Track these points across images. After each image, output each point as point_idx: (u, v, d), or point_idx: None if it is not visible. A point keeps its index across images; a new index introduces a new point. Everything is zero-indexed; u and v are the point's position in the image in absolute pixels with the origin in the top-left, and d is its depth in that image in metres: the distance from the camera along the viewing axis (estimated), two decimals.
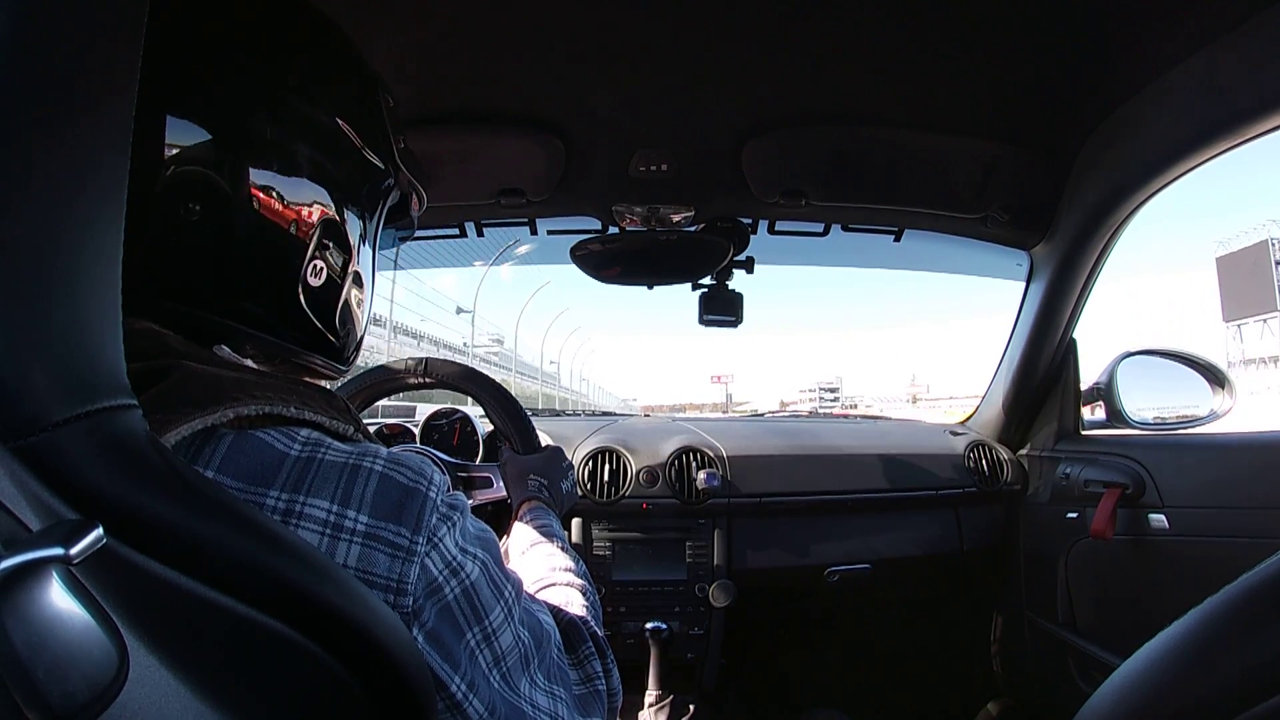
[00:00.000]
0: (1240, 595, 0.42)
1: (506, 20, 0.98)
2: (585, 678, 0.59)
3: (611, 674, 0.63)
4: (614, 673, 0.63)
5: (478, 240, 1.61)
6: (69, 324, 0.29)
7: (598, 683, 0.60)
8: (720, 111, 1.22)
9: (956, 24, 0.99)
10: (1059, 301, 1.51)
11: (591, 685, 0.59)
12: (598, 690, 0.60)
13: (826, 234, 1.58)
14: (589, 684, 0.59)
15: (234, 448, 0.39)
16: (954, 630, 1.89)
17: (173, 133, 0.43)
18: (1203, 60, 1.00)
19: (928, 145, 1.31)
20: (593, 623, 0.65)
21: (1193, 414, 1.47)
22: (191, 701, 0.29)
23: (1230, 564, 0.47)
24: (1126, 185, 1.25)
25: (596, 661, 0.61)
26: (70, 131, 0.29)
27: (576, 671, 0.59)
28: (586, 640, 0.62)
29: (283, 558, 0.33)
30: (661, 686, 1.45)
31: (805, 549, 1.59)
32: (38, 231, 0.28)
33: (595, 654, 0.62)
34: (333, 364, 0.56)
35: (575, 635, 0.62)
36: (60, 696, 0.23)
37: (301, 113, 0.50)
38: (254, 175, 0.46)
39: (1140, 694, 0.45)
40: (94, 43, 0.30)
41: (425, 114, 1.21)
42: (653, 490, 1.55)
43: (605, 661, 0.63)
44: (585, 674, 0.60)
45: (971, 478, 1.69)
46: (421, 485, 0.43)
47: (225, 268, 0.46)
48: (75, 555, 0.24)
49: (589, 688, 0.59)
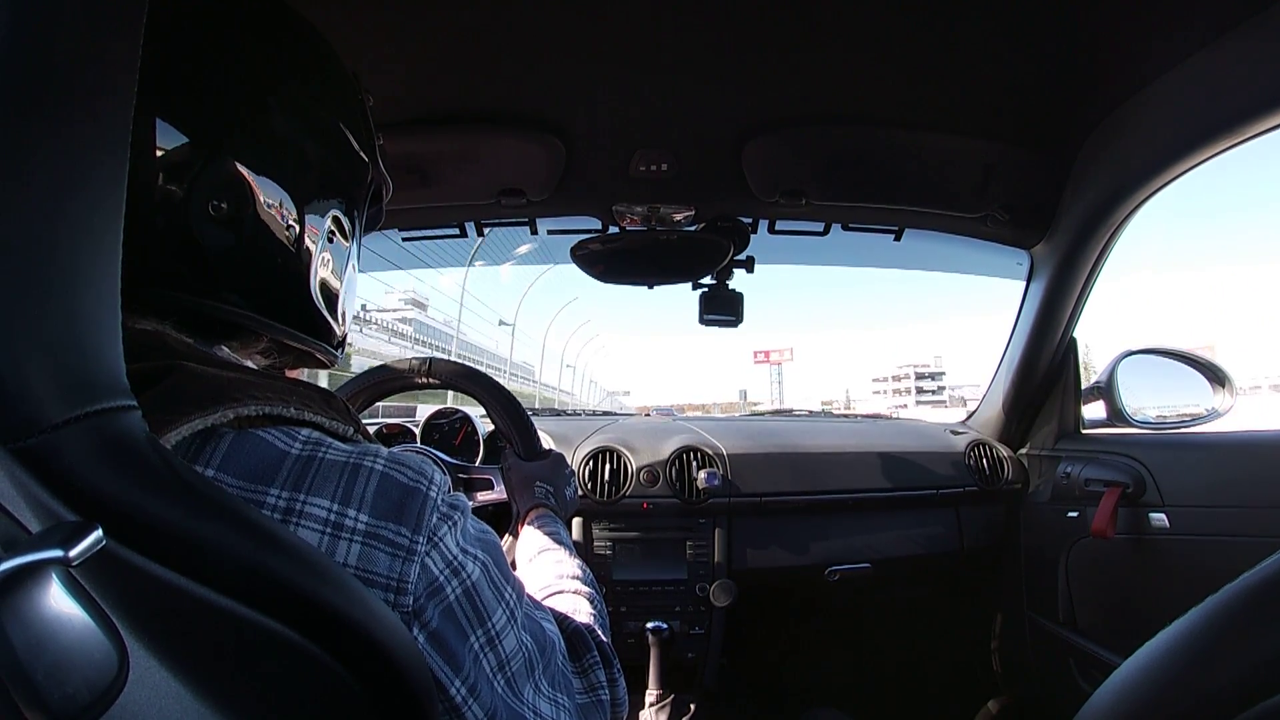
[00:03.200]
0: (1241, 594, 0.42)
1: (507, 21, 0.98)
2: (589, 687, 0.59)
3: (617, 684, 0.62)
4: (619, 682, 0.63)
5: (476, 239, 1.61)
6: (68, 324, 0.29)
7: (601, 692, 0.60)
8: (720, 111, 1.22)
9: (957, 23, 0.99)
10: (1059, 301, 1.51)
11: (595, 695, 0.59)
12: (601, 700, 0.59)
13: (827, 233, 1.58)
14: (592, 693, 0.59)
15: (234, 446, 0.39)
16: (954, 629, 1.89)
17: (180, 131, 0.43)
18: (1202, 60, 1.00)
19: (928, 145, 1.31)
20: (599, 631, 0.65)
21: (1193, 413, 1.47)
22: (191, 703, 0.29)
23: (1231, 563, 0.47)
24: (1127, 184, 1.25)
25: (601, 671, 0.61)
26: (68, 131, 0.29)
27: (580, 680, 0.59)
28: (592, 649, 0.62)
29: (282, 559, 0.32)
30: (662, 686, 1.45)
31: (806, 548, 1.59)
32: (36, 231, 0.28)
33: (600, 663, 0.62)
34: (331, 352, 0.58)
35: (580, 643, 0.61)
36: (60, 698, 0.23)
37: (309, 113, 0.51)
38: (270, 172, 0.48)
39: (1141, 693, 0.45)
40: (92, 42, 0.30)
41: (425, 114, 1.21)
42: (653, 490, 1.55)
43: (611, 671, 0.62)
44: (589, 683, 0.59)
45: (972, 477, 1.69)
46: (422, 485, 0.43)
47: (242, 261, 0.47)
48: (75, 557, 0.24)
49: (592, 697, 0.59)
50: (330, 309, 0.56)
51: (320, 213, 0.52)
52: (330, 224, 0.54)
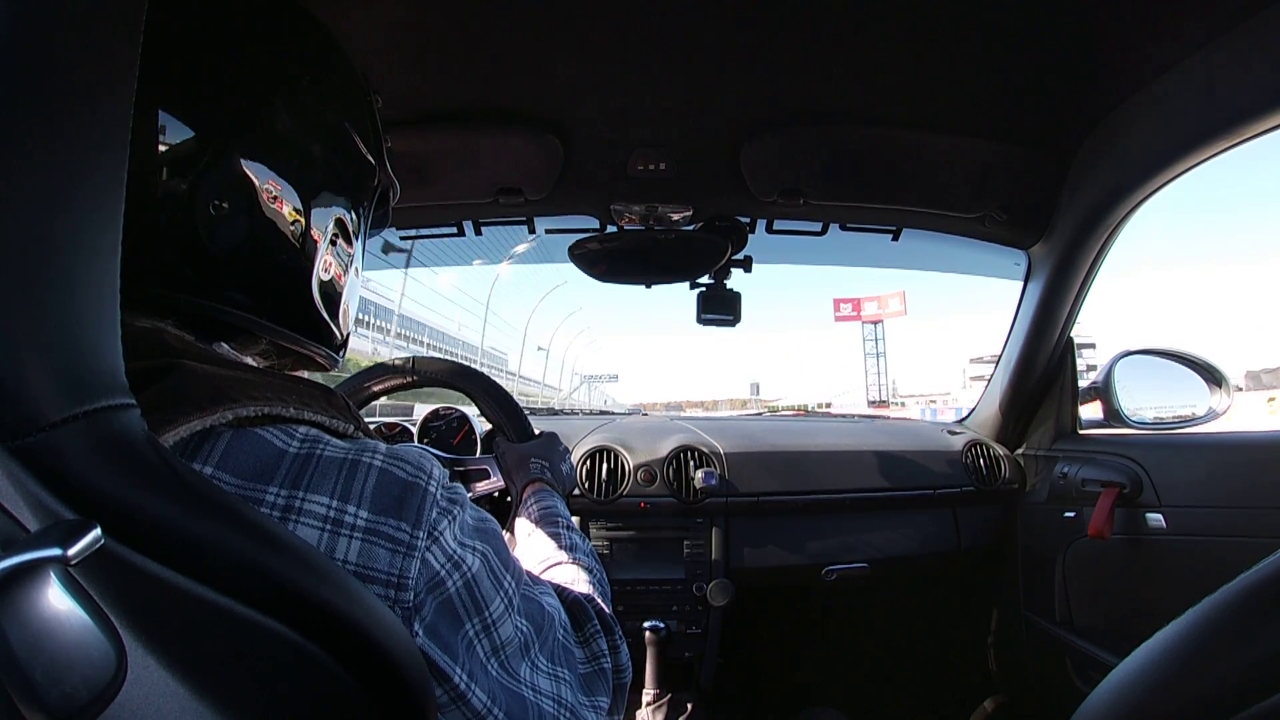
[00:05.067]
0: (1237, 594, 0.42)
1: (506, 20, 0.98)
2: (590, 656, 0.59)
3: (619, 650, 0.62)
4: (621, 649, 0.63)
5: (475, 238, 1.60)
6: (67, 323, 0.29)
7: (603, 660, 0.60)
8: (718, 111, 1.22)
9: (954, 24, 0.99)
10: (1057, 301, 1.52)
11: (597, 663, 0.59)
12: (603, 668, 0.59)
13: (825, 233, 1.58)
14: (594, 662, 0.59)
15: (232, 445, 0.39)
16: (951, 629, 1.89)
17: (186, 127, 0.43)
18: (1200, 61, 1.00)
19: (926, 145, 1.31)
20: (599, 600, 0.65)
21: (1190, 413, 1.48)
22: (190, 701, 0.29)
23: (1227, 563, 0.47)
24: (1124, 185, 1.25)
25: (602, 639, 0.61)
26: (68, 129, 0.29)
27: (583, 650, 0.59)
28: (592, 618, 0.62)
29: (281, 557, 0.32)
30: (659, 685, 1.45)
31: (803, 548, 1.59)
32: (36, 230, 0.28)
33: (601, 631, 0.62)
34: (332, 355, 0.58)
35: (580, 613, 0.62)
36: (58, 697, 0.23)
37: (315, 112, 0.51)
38: (274, 172, 0.48)
39: (1137, 693, 0.45)
40: (92, 41, 0.30)
41: (424, 113, 1.21)
42: (650, 489, 1.55)
43: (612, 638, 0.62)
44: (590, 652, 0.60)
45: (969, 477, 1.69)
46: (421, 480, 0.43)
47: (244, 262, 0.47)
48: (73, 556, 0.24)
49: (594, 666, 0.59)
50: (331, 312, 0.56)
51: (324, 214, 0.52)
52: (334, 226, 0.54)
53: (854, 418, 2.45)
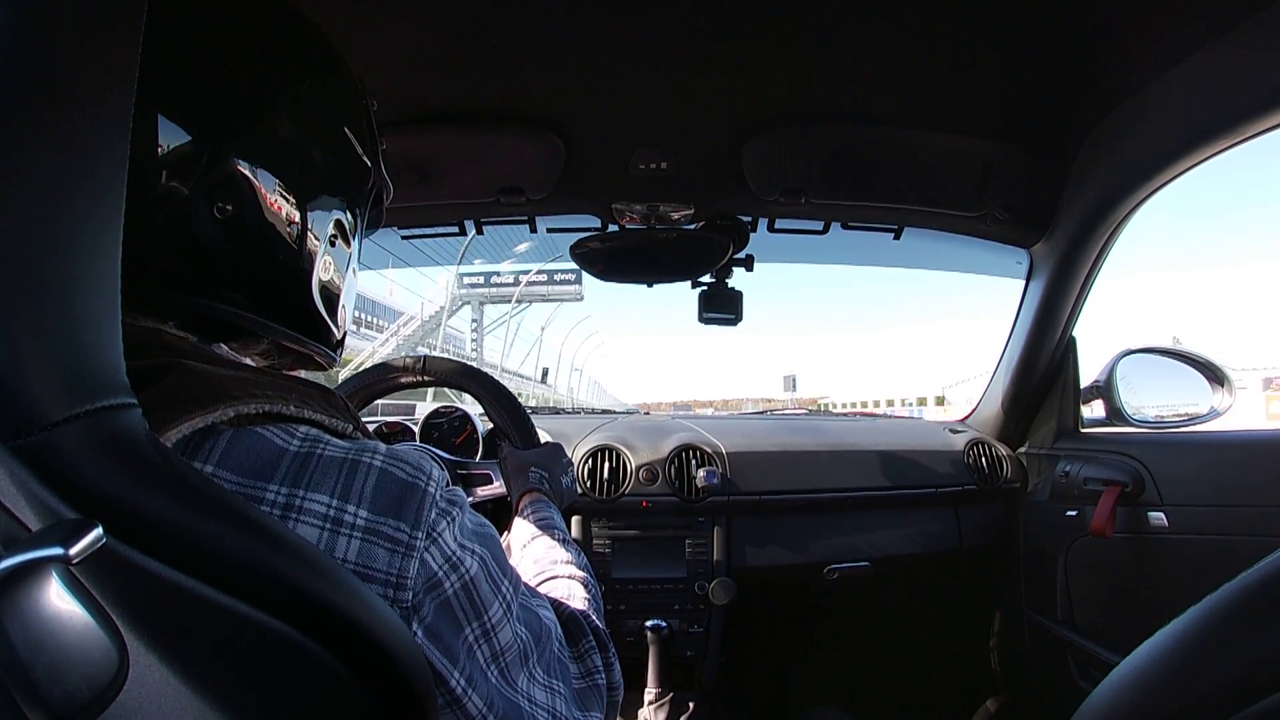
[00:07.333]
0: (1239, 593, 0.42)
1: (506, 19, 0.98)
2: (585, 671, 0.60)
3: (612, 668, 0.63)
4: (615, 667, 0.63)
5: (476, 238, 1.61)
6: (67, 322, 0.29)
7: (597, 677, 0.60)
8: (720, 110, 1.22)
9: (956, 23, 0.99)
10: (1059, 299, 1.51)
11: (591, 679, 0.60)
12: (597, 684, 0.60)
13: (826, 232, 1.58)
14: (589, 678, 0.59)
15: (233, 443, 0.39)
16: (953, 628, 1.89)
17: (185, 130, 0.43)
18: (1201, 60, 1.00)
19: (927, 144, 1.31)
20: (594, 616, 0.66)
21: (1192, 412, 1.47)
22: (192, 700, 0.29)
23: (1229, 562, 0.47)
24: (1126, 184, 1.25)
25: (597, 656, 0.62)
26: (68, 129, 0.29)
27: (577, 665, 0.59)
28: (587, 634, 0.62)
29: (282, 556, 0.33)
30: (661, 684, 1.45)
31: (805, 546, 1.59)
32: (36, 229, 0.28)
33: (596, 648, 0.62)
34: (330, 354, 0.58)
35: (576, 629, 0.62)
36: (60, 696, 0.23)
37: (314, 116, 0.52)
38: (274, 175, 0.48)
39: (1139, 691, 0.45)
40: (92, 41, 0.30)
41: (425, 113, 1.21)
42: (652, 488, 1.55)
43: (606, 655, 0.63)
44: (585, 668, 0.60)
45: (971, 475, 1.69)
46: (420, 480, 0.43)
47: (244, 262, 0.48)
48: (75, 555, 0.24)
49: (588, 682, 0.59)
50: (330, 311, 0.56)
51: (323, 216, 0.53)
52: (332, 227, 0.54)
53: (855, 417, 2.46)
